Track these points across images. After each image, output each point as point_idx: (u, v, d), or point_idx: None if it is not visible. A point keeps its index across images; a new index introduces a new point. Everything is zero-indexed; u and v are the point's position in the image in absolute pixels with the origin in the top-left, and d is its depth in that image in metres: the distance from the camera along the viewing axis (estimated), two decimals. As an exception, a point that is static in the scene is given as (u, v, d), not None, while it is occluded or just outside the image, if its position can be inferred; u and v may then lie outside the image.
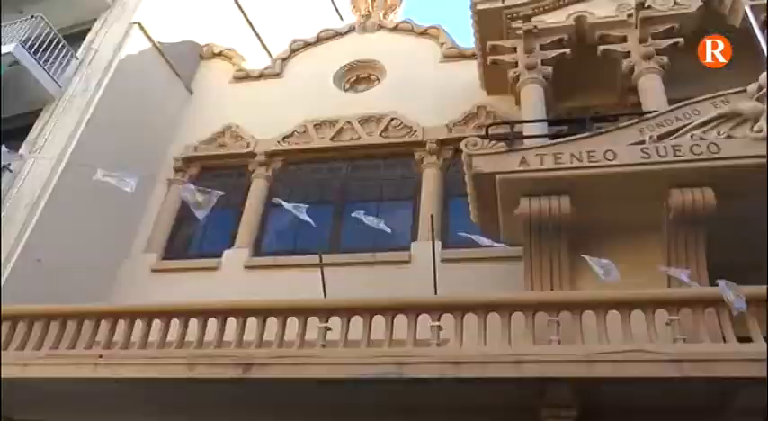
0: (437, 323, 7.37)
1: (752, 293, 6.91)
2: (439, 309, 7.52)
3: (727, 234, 8.07)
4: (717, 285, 6.93)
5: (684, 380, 6.44)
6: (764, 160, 8.09)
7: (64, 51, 12.78)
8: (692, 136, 8.47)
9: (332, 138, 12.54)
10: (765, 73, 8.62)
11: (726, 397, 6.66)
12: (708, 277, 7.98)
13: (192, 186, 7.48)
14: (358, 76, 14.10)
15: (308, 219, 7.75)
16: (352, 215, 8.12)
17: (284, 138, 12.77)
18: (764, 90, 8.56)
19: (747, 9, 9.74)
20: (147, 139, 12.95)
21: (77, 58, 12.95)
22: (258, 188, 12.31)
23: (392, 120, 12.48)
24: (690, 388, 6.57)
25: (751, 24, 9.40)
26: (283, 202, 7.92)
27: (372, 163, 12.37)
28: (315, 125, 12.79)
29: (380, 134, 12.38)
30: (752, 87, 8.69)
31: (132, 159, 11.62)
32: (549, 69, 10.96)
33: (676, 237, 8.39)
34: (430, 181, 11.63)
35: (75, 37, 13.61)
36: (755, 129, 8.35)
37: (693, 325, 7.05)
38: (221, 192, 7.50)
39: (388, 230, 7.98)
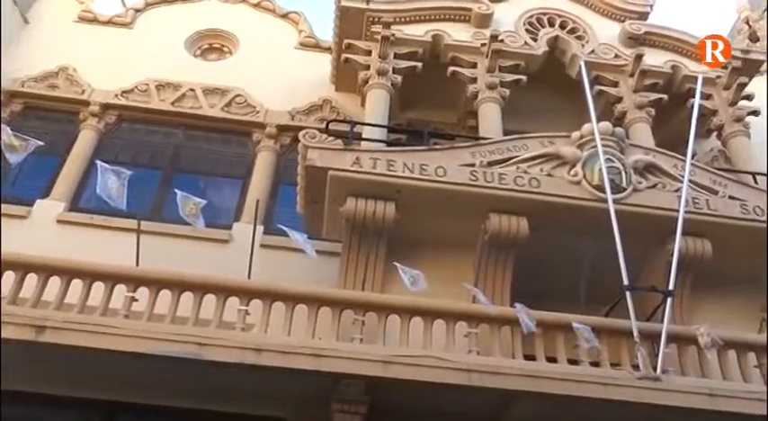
0: (245, 307, 7.42)
1: (542, 318, 7.56)
2: (249, 293, 7.55)
3: (534, 262, 8.74)
4: (515, 307, 7.51)
5: (471, 388, 6.93)
6: (576, 201, 8.86)
7: None
8: (517, 168, 9.07)
9: (173, 103, 12.12)
10: (588, 124, 9.40)
11: (504, 406, 7.29)
12: (510, 298, 8.58)
13: (9, 129, 6.87)
14: (211, 44, 13.70)
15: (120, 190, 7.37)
16: (177, 193, 7.86)
17: (123, 92, 12.16)
18: (585, 139, 9.34)
19: (582, 64, 10.53)
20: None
21: None
22: (86, 139, 11.61)
23: (237, 96, 12.28)
24: (476, 396, 7.08)
25: (582, 78, 10.14)
26: (102, 165, 7.47)
27: (209, 135, 12.07)
28: (157, 86, 12.31)
29: (223, 108, 12.14)
30: (575, 135, 9.45)
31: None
32: (399, 78, 11.23)
33: (488, 258, 8.93)
34: (263, 164, 11.56)
35: None
36: (572, 173, 9.11)
37: (489, 339, 7.57)
38: (41, 143, 6.95)
39: (201, 225, 7.82)
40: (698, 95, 10.36)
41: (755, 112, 12.20)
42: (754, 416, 7.11)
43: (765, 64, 13.06)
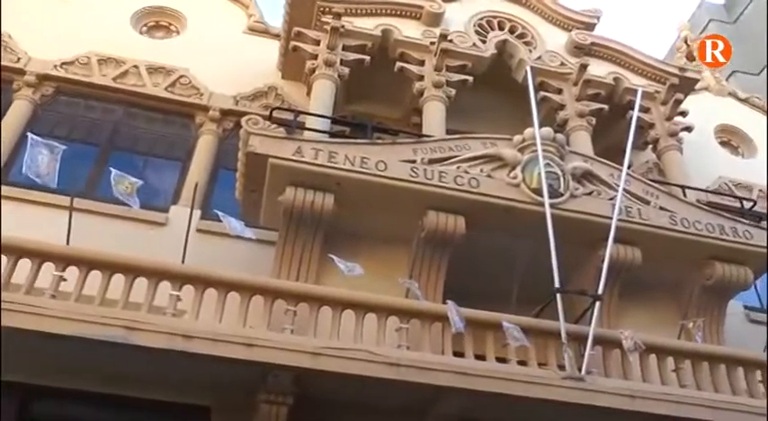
0: (177, 293, 7.29)
1: (472, 316, 7.68)
2: (181, 278, 7.42)
3: (469, 261, 8.86)
4: (446, 304, 7.60)
5: (399, 383, 6.98)
6: (514, 204, 9.01)
7: None
8: (458, 167, 9.17)
9: (114, 79, 11.79)
10: (530, 128, 9.56)
11: (431, 402, 7.37)
12: (442, 295, 8.67)
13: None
14: (157, 22, 13.38)
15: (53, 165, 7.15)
16: (112, 171, 7.70)
17: (63, 64, 11.76)
18: (526, 143, 9.50)
19: (528, 69, 10.69)
20: None
21: None
22: (20, 109, 11.17)
23: (182, 76, 12.04)
24: (404, 390, 7.14)
25: (528, 83, 10.29)
26: (34, 137, 7.24)
27: (150, 115, 11.80)
28: (99, 60, 11.96)
29: (166, 88, 11.88)
30: (517, 138, 9.61)
31: None
32: (347, 71, 11.20)
33: (423, 255, 9.01)
34: (204, 147, 11.35)
35: None
36: (511, 175, 9.25)
37: (419, 335, 7.63)
38: None
39: (136, 205, 7.69)
40: (637, 108, 10.67)
41: (689, 128, 12.65)
42: (670, 417, 7.43)
43: (699, 82, 13.56)
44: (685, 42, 16.47)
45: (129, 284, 7.26)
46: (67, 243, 7.95)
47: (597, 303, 8.13)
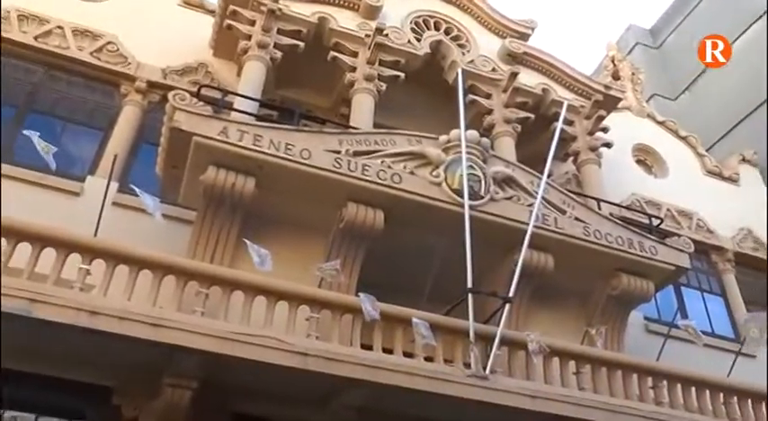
0: (87, 266, 7.03)
1: (384, 310, 7.73)
2: (92, 252, 7.15)
3: (385, 255, 8.92)
4: (359, 296, 7.64)
5: (306, 372, 6.98)
6: (434, 202, 9.11)
7: None
8: (382, 161, 9.21)
9: (36, 38, 11.25)
10: (457, 130, 9.68)
11: (336, 393, 7.43)
12: (356, 288, 8.70)
13: None
14: (88, -17, 12.92)
15: None
16: (24, 132, 7.40)
17: (-21, 15, 11.19)
18: (452, 143, 9.62)
19: (459, 72, 10.82)
20: None
21: None
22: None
23: (109, 43, 11.62)
24: (310, 380, 7.14)
25: (458, 85, 10.41)
26: None
27: (73, 79, 11.37)
28: (20, 16, 11.36)
29: (92, 53, 11.43)
30: (443, 138, 9.72)
31: None
32: (279, 55, 11.08)
33: (340, 246, 9.02)
34: (127, 118, 11.02)
35: None
36: (434, 174, 9.36)
37: (329, 326, 7.64)
38: None
39: (53, 165, 7.43)
40: (561, 120, 10.96)
41: (608, 144, 13.09)
42: (568, 418, 7.74)
43: (621, 101, 14.05)
44: (612, 62, 17.07)
45: (36, 254, 6.95)
46: (-27, 207, 7.60)
47: (507, 305, 8.33)
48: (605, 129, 13.09)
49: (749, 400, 9.29)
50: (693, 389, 9.03)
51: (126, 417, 7.24)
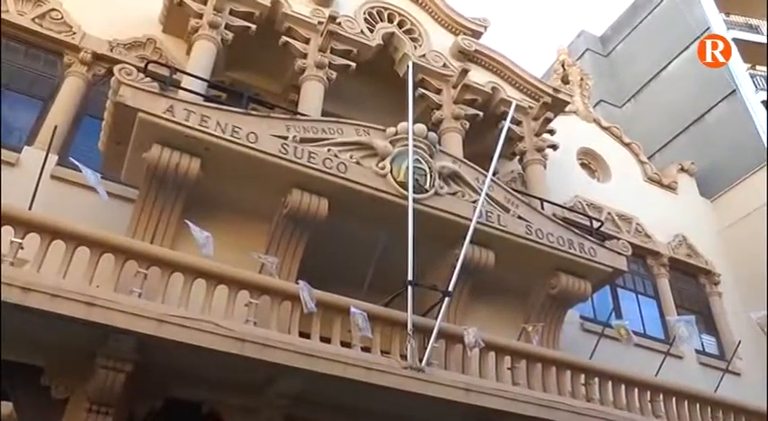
0: (19, 240, 6.78)
1: (323, 298, 7.72)
2: (26, 225, 6.89)
3: (328, 244, 8.89)
4: (298, 283, 7.59)
5: (242, 358, 6.89)
6: (378, 193, 9.11)
7: None
8: (329, 150, 9.16)
9: (-27, 0, 10.87)
10: (405, 123, 9.69)
11: (271, 380, 7.34)
12: (297, 275, 8.64)
13: None
14: (32, -53, 12.45)
15: None
16: None
17: None
18: (399, 136, 9.63)
19: (410, 65, 10.83)
20: None
21: None
22: None
23: (53, 10, 11.20)
24: (246, 366, 7.05)
25: (408, 78, 10.42)
26: None
27: (13, 45, 10.92)
28: (-44, -24, 10.96)
29: (34, 19, 11.01)
30: (390, 130, 9.74)
31: None
32: (231, 36, 10.91)
33: (282, 232, 8.96)
34: (70, 90, 10.70)
35: None
36: (380, 165, 9.36)
37: (268, 312, 7.57)
38: None
39: None
40: (509, 119, 11.05)
41: (554, 146, 13.31)
42: (501, 412, 7.84)
43: (569, 105, 14.28)
44: (562, 66, 17.34)
45: (-36, 225, 6.69)
46: None
47: (446, 299, 8.37)
48: (552, 132, 13.29)
49: (674, 398, 9.63)
50: (623, 386, 9.28)
51: (55, 399, 6.98)
